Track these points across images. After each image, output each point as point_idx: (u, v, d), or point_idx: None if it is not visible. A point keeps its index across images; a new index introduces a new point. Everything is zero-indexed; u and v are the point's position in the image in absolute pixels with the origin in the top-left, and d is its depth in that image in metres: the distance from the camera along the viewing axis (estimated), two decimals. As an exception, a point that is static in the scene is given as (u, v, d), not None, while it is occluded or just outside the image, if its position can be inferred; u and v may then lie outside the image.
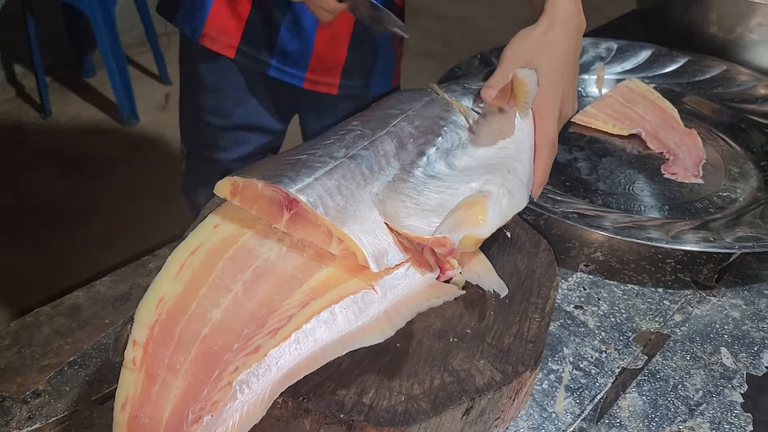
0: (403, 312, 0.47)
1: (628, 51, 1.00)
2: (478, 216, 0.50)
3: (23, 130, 2.41)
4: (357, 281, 0.47)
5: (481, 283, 0.51)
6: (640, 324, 0.61)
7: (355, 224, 0.47)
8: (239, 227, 0.48)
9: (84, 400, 0.53)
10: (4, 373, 0.55)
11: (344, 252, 0.47)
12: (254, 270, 0.46)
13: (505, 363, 0.47)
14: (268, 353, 0.42)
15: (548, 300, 0.52)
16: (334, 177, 0.49)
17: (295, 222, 0.47)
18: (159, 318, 0.42)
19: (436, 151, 0.56)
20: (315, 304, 0.45)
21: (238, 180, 0.48)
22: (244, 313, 0.44)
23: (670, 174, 0.80)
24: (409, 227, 0.48)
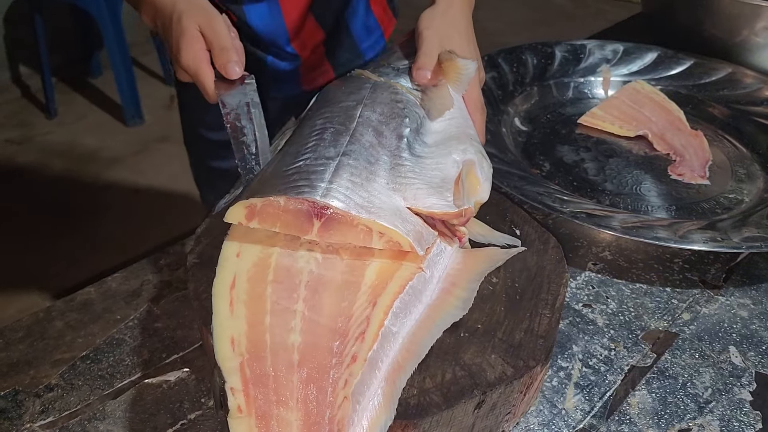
0: (463, 284, 0.50)
1: (634, 53, 1.00)
2: (476, 184, 0.56)
3: (29, 130, 2.42)
4: (407, 267, 0.49)
5: (490, 240, 0.57)
6: (649, 322, 0.61)
7: (388, 215, 0.47)
8: (262, 248, 0.48)
9: (96, 393, 0.53)
10: (17, 366, 0.56)
11: (387, 244, 0.47)
12: (306, 285, 0.46)
13: (516, 358, 0.47)
14: (367, 358, 0.43)
15: (558, 296, 0.53)
16: (343, 176, 0.49)
17: (328, 228, 0.46)
18: (243, 360, 0.42)
19: (410, 133, 0.57)
20: (383, 299, 0.46)
21: (254, 202, 0.46)
22: (322, 329, 0.44)
23: (676, 175, 0.80)
24: (433, 206, 0.51)
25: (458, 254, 0.54)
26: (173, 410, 0.52)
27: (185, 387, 0.54)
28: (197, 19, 0.59)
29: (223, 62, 0.58)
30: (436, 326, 0.47)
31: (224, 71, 0.58)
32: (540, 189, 0.71)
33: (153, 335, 0.59)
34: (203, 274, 0.52)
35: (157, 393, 0.53)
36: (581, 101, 0.95)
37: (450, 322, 0.47)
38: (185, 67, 0.59)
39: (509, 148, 0.82)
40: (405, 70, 0.66)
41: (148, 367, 0.56)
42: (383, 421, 0.41)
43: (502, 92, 0.91)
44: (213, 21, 0.59)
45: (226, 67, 0.58)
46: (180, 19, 0.59)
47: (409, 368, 0.44)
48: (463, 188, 0.54)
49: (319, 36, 0.88)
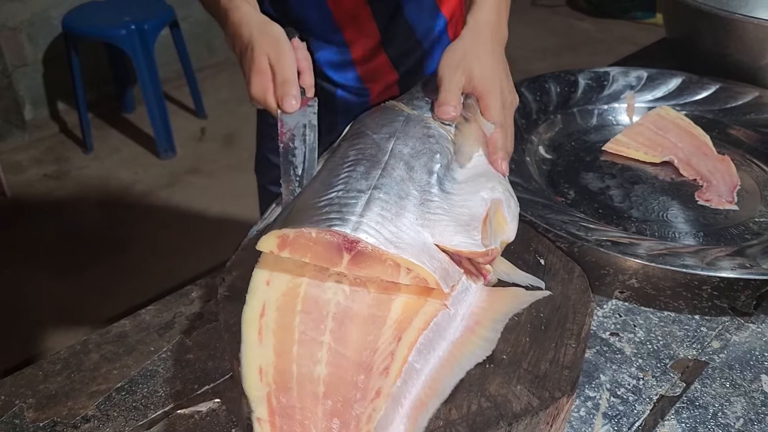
0: (487, 323, 0.51)
1: (658, 79, 1.00)
2: (503, 224, 0.57)
3: (66, 164, 2.50)
4: (431, 304, 0.49)
5: (513, 279, 0.57)
6: (678, 351, 0.61)
7: (416, 251, 0.48)
8: (292, 278, 0.49)
9: (131, 424, 0.55)
10: (55, 398, 0.57)
11: (414, 280, 0.48)
12: (333, 317, 0.47)
13: (542, 388, 0.47)
14: (390, 393, 0.44)
15: (583, 326, 0.53)
16: (374, 210, 0.50)
17: (357, 262, 0.47)
18: (270, 390, 0.43)
19: (441, 168, 0.58)
20: (408, 335, 0.47)
21: (287, 232, 0.48)
22: (347, 362, 0.45)
23: (704, 201, 0.80)
24: (460, 244, 0.51)
25: (483, 292, 0.54)
26: (205, 441, 0.53)
27: (216, 418, 0.55)
28: (267, 50, 0.62)
29: (281, 95, 0.61)
30: (459, 365, 0.48)
31: (281, 103, 0.62)
32: (565, 217, 0.71)
33: (185, 366, 0.60)
34: (234, 306, 0.53)
35: (189, 424, 0.55)
36: (605, 128, 0.96)
37: (474, 363, 0.48)
38: (254, 97, 0.63)
39: (533, 176, 0.82)
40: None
41: (181, 398, 0.57)
42: None
43: (525, 121, 0.92)
44: (281, 53, 0.62)
45: (283, 100, 0.61)
46: (252, 50, 0.63)
47: (431, 406, 0.45)
48: (490, 228, 0.55)
49: (393, 77, 0.91)
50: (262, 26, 0.64)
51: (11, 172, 2.40)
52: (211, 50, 3.09)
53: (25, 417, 0.56)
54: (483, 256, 0.53)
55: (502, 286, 0.57)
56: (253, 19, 0.65)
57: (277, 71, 0.62)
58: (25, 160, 2.51)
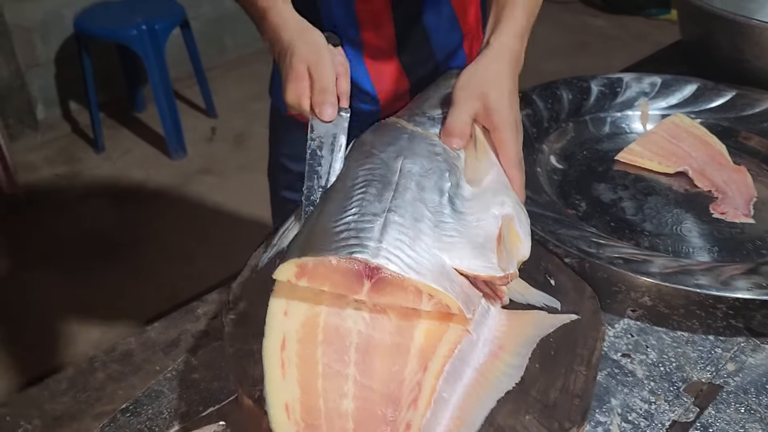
0: (510, 348, 0.51)
1: (672, 86, 0.98)
2: (516, 242, 0.56)
3: (78, 164, 2.51)
4: (454, 330, 0.49)
5: (527, 299, 0.57)
6: (691, 373, 0.59)
7: (436, 276, 0.47)
8: (309, 306, 0.48)
9: (136, 447, 0.54)
10: (61, 419, 0.57)
11: (436, 306, 0.47)
12: (356, 348, 0.47)
13: (551, 419, 0.46)
14: (420, 426, 0.43)
15: (594, 351, 0.52)
16: (391, 235, 0.49)
17: (378, 289, 0.46)
18: (299, 428, 0.42)
19: (451, 188, 0.57)
20: (434, 364, 0.47)
21: (306, 261, 0.47)
22: (375, 395, 0.45)
23: (719, 213, 0.78)
24: (479, 268, 0.50)
25: (502, 315, 0.54)
26: (209, 466, 0.53)
27: (221, 441, 0.54)
28: (306, 58, 0.62)
29: (318, 103, 0.61)
30: (487, 394, 0.47)
31: (319, 111, 0.61)
32: (576, 232, 0.70)
33: (190, 387, 0.59)
34: (237, 330, 0.53)
35: (193, 447, 0.54)
36: (618, 136, 0.94)
37: (503, 391, 0.47)
38: (289, 103, 0.63)
39: (544, 188, 0.81)
40: (439, 119, 0.66)
41: (185, 420, 0.56)
42: None
43: (536, 130, 0.90)
44: (319, 61, 0.61)
45: (321, 108, 0.61)
46: (292, 56, 0.62)
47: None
48: (505, 248, 0.54)
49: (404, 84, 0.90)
50: (302, 32, 0.63)
51: (24, 171, 2.41)
52: (222, 49, 3.09)
53: (30, 439, 0.55)
54: (502, 280, 0.52)
55: (516, 305, 0.56)
56: (293, 24, 0.64)
57: (315, 79, 0.61)
58: (37, 160, 2.52)
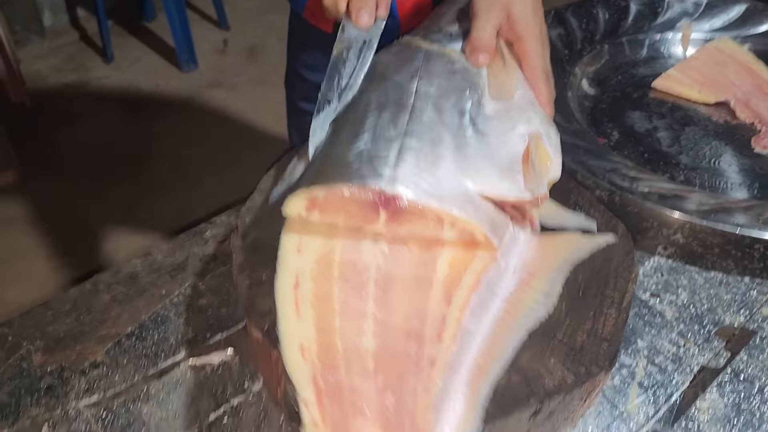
0: (541, 274, 0.48)
1: (718, 6, 0.91)
2: (546, 160, 0.52)
3: (87, 74, 2.44)
4: (480, 259, 0.45)
5: (560, 222, 0.53)
6: (723, 317, 0.56)
7: (459, 203, 0.44)
8: (324, 241, 0.45)
9: (140, 373, 0.53)
10: (64, 341, 0.55)
11: (460, 234, 0.44)
12: (375, 283, 0.43)
13: (578, 363, 0.44)
14: (446, 361, 0.40)
15: (625, 293, 0.48)
16: (408, 160, 0.45)
17: (395, 219, 0.43)
18: (315, 369, 0.40)
19: (472, 107, 0.53)
20: (458, 296, 0.44)
21: (316, 192, 0.43)
22: (396, 332, 0.42)
23: (761, 148, 0.73)
24: (506, 191, 0.47)
25: (532, 240, 0.50)
26: (216, 394, 0.51)
27: (228, 370, 0.53)
28: None
29: (356, 8, 0.56)
30: (517, 324, 0.44)
31: (355, 16, 0.56)
32: (607, 164, 0.66)
33: (197, 313, 0.57)
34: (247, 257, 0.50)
35: (200, 375, 0.52)
36: (656, 61, 0.88)
37: (535, 321, 0.45)
38: (325, 5, 0.58)
39: (574, 114, 0.76)
40: (458, 35, 0.60)
41: (192, 347, 0.54)
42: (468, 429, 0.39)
43: (569, 51, 0.84)
44: None
45: (358, 14, 0.56)
46: None
47: (492, 372, 0.42)
48: (534, 168, 0.50)
49: None
50: None
51: (31, 80, 2.35)
52: (234, -45, 2.95)
53: (32, 360, 0.54)
54: (531, 203, 0.48)
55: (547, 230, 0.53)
56: None
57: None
58: (45, 68, 2.46)
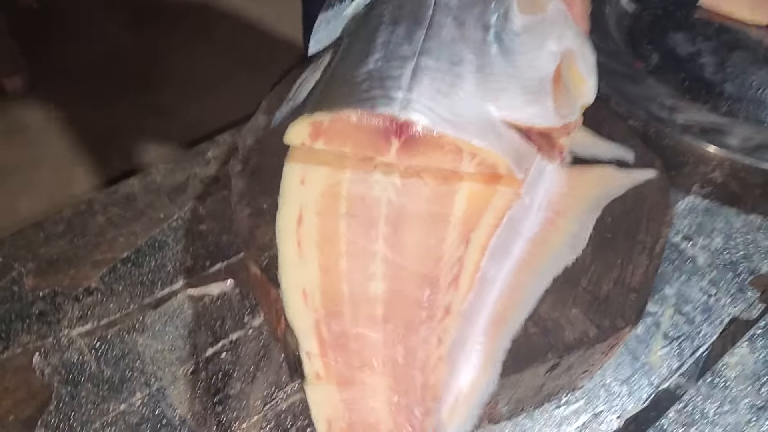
0: (570, 213, 0.43)
1: None
2: (579, 83, 0.47)
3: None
4: (502, 194, 0.41)
5: (594, 152, 0.48)
6: (760, 265, 0.52)
7: (480, 131, 0.39)
8: (330, 172, 0.40)
9: (136, 302, 0.50)
10: (57, 264, 0.53)
11: (480, 167, 0.39)
12: (386, 219, 0.39)
13: (602, 315, 0.40)
14: (462, 310, 0.37)
15: (659, 239, 0.44)
16: (424, 82, 0.40)
17: (408, 149, 0.38)
18: (318, 317, 0.36)
19: (498, 21, 0.47)
20: (477, 236, 0.39)
21: (320, 118, 0.38)
22: (408, 275, 0.38)
23: (815, 78, 0.66)
24: (533, 118, 0.41)
25: (561, 174, 0.45)
26: (214, 328, 0.48)
27: (228, 302, 0.50)
28: None
29: None
30: (542, 269, 0.41)
31: None
32: (644, 91, 0.60)
33: (197, 239, 0.54)
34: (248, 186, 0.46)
35: (198, 307, 0.50)
36: (705, -24, 0.79)
37: (560, 266, 0.41)
38: None
39: (611, 33, 0.69)
40: None
41: (191, 276, 0.52)
42: (485, 385, 0.36)
43: (608, -38, 0.76)
44: None
45: None
46: None
47: (512, 321, 0.38)
48: (565, 91, 0.45)
49: None
50: None
51: (38, -19, 2.26)
52: None
53: (24, 283, 0.51)
54: (561, 131, 0.43)
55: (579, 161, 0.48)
56: None
57: None
58: (52, -32, 2.36)
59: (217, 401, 0.45)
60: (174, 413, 0.44)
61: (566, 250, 0.42)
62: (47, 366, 0.47)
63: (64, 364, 0.47)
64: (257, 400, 0.45)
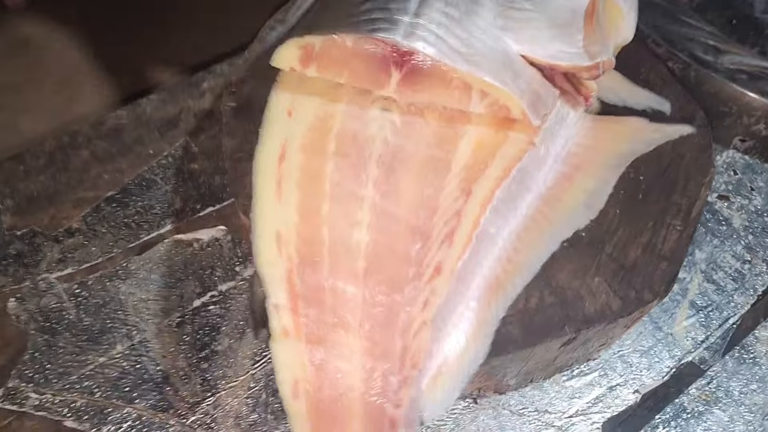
0: (591, 168, 0.39)
1: None
2: (617, 18, 0.42)
3: None
4: (514, 141, 0.36)
5: (626, 100, 0.43)
6: (802, 230, 0.48)
7: (494, 66, 0.34)
8: (322, 104, 0.36)
9: (120, 245, 0.47)
10: (36, 201, 0.49)
11: (491, 108, 0.34)
12: (379, 161, 0.35)
13: (627, 286, 0.36)
14: (454, 270, 0.33)
15: (696, 201, 0.39)
16: (434, 6, 0.34)
17: (411, 82, 0.34)
18: (292, 265, 0.32)
19: None
20: (481, 187, 0.35)
21: (312, 41, 0.34)
22: (398, 226, 0.34)
23: None
24: (558, 55, 0.36)
25: (584, 124, 0.40)
26: (203, 277, 0.45)
27: (219, 250, 0.46)
28: None
29: None
30: (551, 230, 0.36)
31: None
32: (687, 30, 0.54)
33: (188, 179, 0.50)
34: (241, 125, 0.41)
35: (186, 253, 0.46)
36: None
37: (572, 228, 0.37)
38: None
39: (652, -37, 0.62)
40: None
41: (180, 220, 0.48)
42: (472, 356, 0.33)
43: None
44: None
45: None
46: None
47: (510, 287, 0.35)
48: (599, 27, 0.39)
49: None
50: None
51: None
52: None
53: (2, 222, 0.48)
54: (590, 72, 0.38)
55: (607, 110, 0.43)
56: None
57: None
58: None
59: (203, 357, 0.42)
60: (156, 368, 0.42)
61: (581, 210, 0.37)
62: (23, 312, 0.44)
63: (41, 311, 0.44)
64: (245, 358, 0.42)
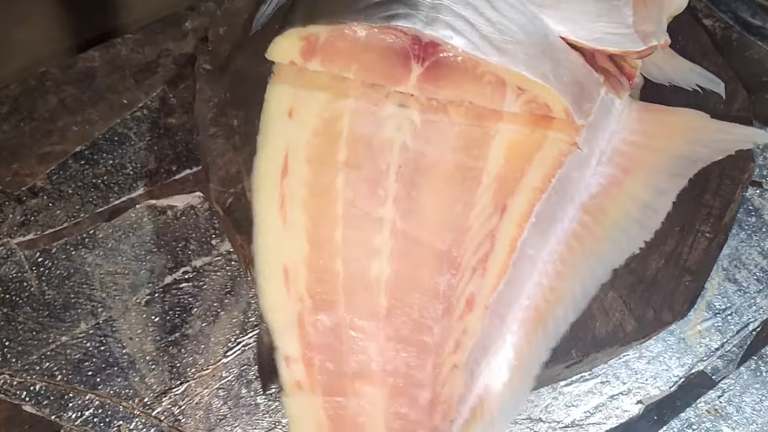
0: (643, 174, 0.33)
1: None
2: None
3: None
4: (554, 144, 0.30)
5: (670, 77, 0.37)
6: (840, 227, 0.43)
7: (531, 56, 0.29)
8: (328, 102, 0.30)
9: (87, 209, 0.43)
10: (-2, 153, 0.44)
11: (527, 106, 0.29)
12: (398, 173, 0.29)
13: (645, 304, 0.32)
14: (489, 303, 0.28)
15: (730, 204, 0.35)
16: None
17: (434, 77, 0.28)
18: (302, 308, 0.28)
19: None
20: (517, 202, 0.30)
21: (316, 31, 0.28)
22: (422, 252, 0.29)
23: None
24: (604, 37, 0.31)
25: (631, 114, 0.34)
26: (176, 250, 0.41)
27: (194, 219, 0.42)
28: None
29: None
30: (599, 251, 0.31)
31: None
32: (735, -13, 0.48)
33: (164, 135, 0.45)
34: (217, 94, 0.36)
35: (159, 222, 0.42)
36: None
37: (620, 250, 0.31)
38: None
39: None
40: None
41: (153, 183, 0.44)
42: (513, 401, 0.29)
43: None
44: None
45: None
46: None
47: (556, 321, 0.30)
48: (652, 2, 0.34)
49: None
50: None
51: None
52: None
53: (-42, 177, 0.44)
54: (641, 54, 0.32)
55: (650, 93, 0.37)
56: None
57: None
58: None
59: (173, 341, 0.39)
60: (122, 351, 0.39)
61: (632, 226, 0.32)
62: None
63: (0, 280, 0.40)
64: (218, 344, 0.39)
